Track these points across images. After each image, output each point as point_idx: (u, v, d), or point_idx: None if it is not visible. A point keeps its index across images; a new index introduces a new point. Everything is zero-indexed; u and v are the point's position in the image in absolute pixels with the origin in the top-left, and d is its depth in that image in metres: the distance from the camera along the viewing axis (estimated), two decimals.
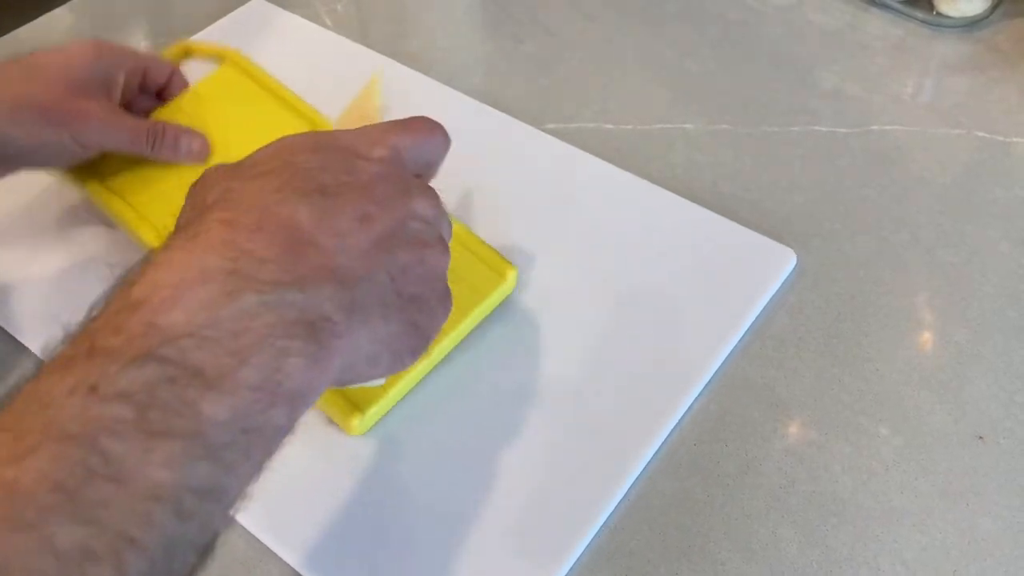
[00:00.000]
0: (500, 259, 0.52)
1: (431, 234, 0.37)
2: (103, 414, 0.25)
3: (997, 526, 0.43)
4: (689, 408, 0.48)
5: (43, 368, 0.27)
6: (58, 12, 0.77)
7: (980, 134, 0.62)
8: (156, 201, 0.53)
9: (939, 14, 0.69)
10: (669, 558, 0.43)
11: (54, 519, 0.23)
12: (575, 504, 0.44)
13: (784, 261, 0.54)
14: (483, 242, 0.52)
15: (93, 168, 0.54)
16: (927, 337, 0.51)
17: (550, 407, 0.48)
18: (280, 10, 0.73)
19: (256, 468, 0.28)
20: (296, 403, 0.29)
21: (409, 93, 0.64)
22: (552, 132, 0.62)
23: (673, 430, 0.47)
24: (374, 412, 0.47)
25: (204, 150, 0.55)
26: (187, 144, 0.55)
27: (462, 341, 0.50)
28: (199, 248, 0.30)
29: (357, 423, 0.46)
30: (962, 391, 0.48)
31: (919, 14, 0.70)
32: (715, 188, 0.58)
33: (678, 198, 0.57)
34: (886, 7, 0.71)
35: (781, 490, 0.45)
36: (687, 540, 0.44)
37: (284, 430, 0.29)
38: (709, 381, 0.49)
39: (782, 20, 0.72)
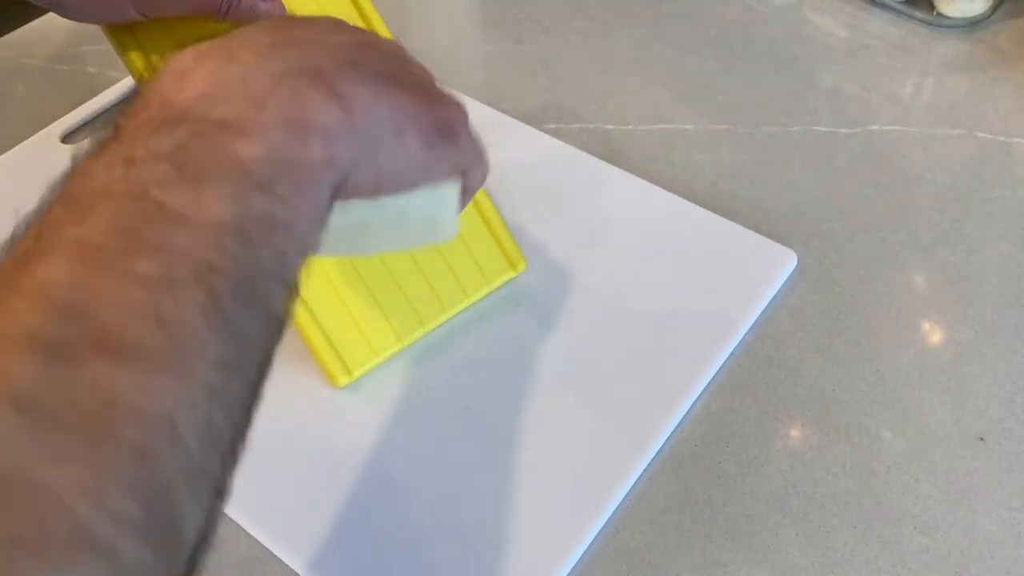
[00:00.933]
0: (515, 247, 0.52)
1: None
2: (145, 174, 0.26)
3: (998, 527, 0.43)
4: (690, 408, 0.48)
5: (77, 160, 0.28)
6: None
7: (980, 134, 0.62)
8: None
9: (939, 14, 0.69)
10: (669, 558, 0.43)
11: (130, 257, 0.24)
12: (577, 503, 0.44)
13: (784, 261, 0.54)
14: (504, 224, 0.52)
15: (136, 37, 0.50)
16: (927, 337, 0.51)
17: (551, 407, 0.48)
18: None
19: (313, 207, 0.29)
20: (330, 139, 0.29)
21: None
22: (552, 132, 0.62)
23: (674, 430, 0.47)
24: (363, 368, 0.48)
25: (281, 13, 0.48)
26: (264, 7, 0.46)
27: (461, 339, 0.50)
28: (191, 49, 0.30)
29: (344, 377, 0.47)
30: (963, 391, 0.48)
31: (919, 14, 0.70)
32: (715, 188, 0.58)
33: (678, 199, 0.57)
34: (886, 7, 0.71)
35: (782, 491, 0.45)
36: (687, 541, 0.44)
37: (325, 166, 0.29)
38: (710, 381, 0.49)
39: (782, 20, 0.72)
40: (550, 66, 0.69)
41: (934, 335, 0.51)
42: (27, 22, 0.75)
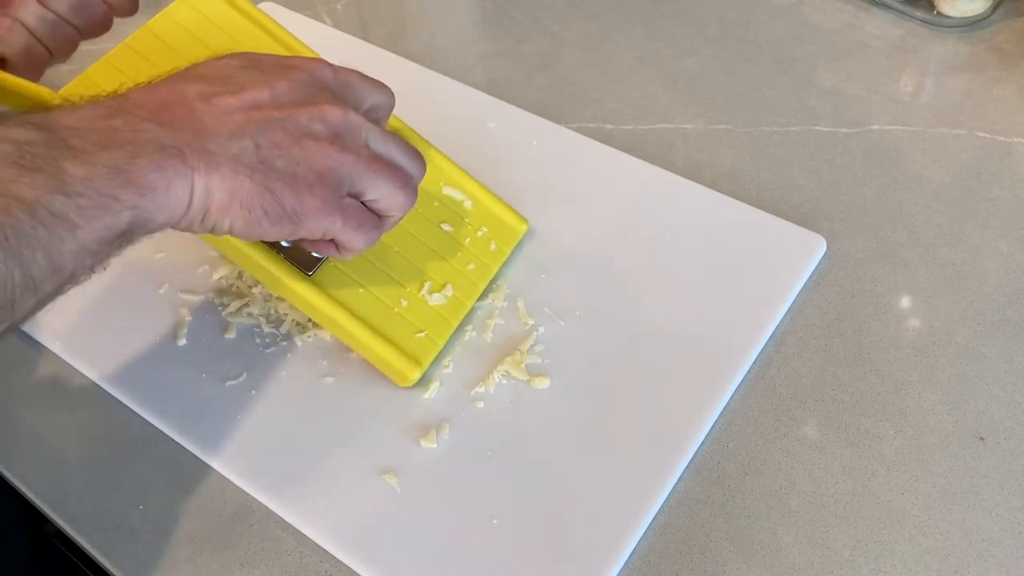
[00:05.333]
0: (513, 214, 0.55)
1: (325, 133, 0.41)
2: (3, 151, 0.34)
3: (998, 526, 0.43)
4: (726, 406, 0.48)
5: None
6: None
7: (980, 134, 0.62)
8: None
9: (939, 14, 0.69)
10: (669, 558, 0.43)
11: None
12: (619, 506, 0.45)
13: (814, 247, 0.54)
14: (497, 198, 0.55)
15: None
16: (927, 337, 0.51)
17: (584, 408, 0.48)
18: (281, 8, 0.73)
19: (104, 227, 0.35)
20: (144, 195, 0.36)
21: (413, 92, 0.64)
22: None
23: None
24: (427, 360, 0.49)
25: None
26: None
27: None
28: (103, 99, 0.39)
29: (416, 370, 0.48)
30: (963, 391, 0.48)
31: (919, 14, 0.70)
32: (715, 188, 0.58)
33: (700, 187, 0.58)
34: (886, 7, 0.71)
35: (782, 491, 0.45)
36: (688, 541, 0.44)
37: (128, 216, 0.36)
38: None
39: (782, 20, 0.72)
40: (550, 66, 0.69)
41: (934, 335, 0.51)
42: None
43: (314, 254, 0.47)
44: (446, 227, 0.53)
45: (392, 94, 0.46)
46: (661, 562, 0.43)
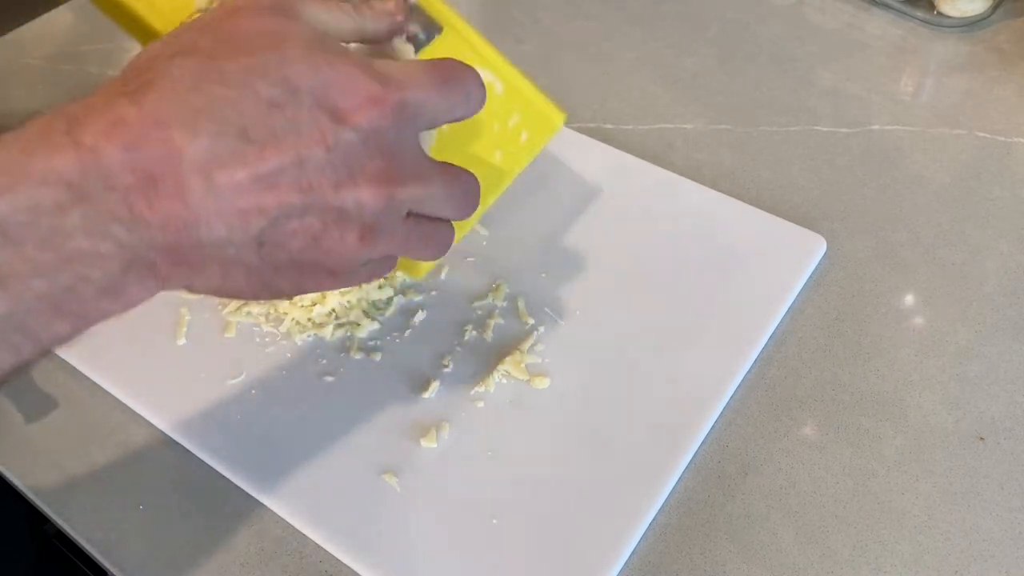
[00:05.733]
0: (550, 104, 0.50)
1: (356, 225, 0.33)
2: None
3: (998, 526, 0.43)
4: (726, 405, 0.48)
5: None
6: (58, 12, 0.76)
7: (980, 134, 0.62)
8: None
9: (939, 14, 0.69)
10: (669, 558, 0.43)
11: None
12: (626, 499, 0.45)
13: (815, 247, 0.54)
14: (534, 87, 0.49)
15: None
16: (927, 337, 0.51)
17: (584, 408, 0.48)
18: None
19: (26, 354, 0.29)
20: (83, 322, 0.30)
21: None
22: None
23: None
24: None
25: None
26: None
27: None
28: (66, 141, 0.28)
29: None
30: (963, 391, 0.48)
31: (919, 14, 0.70)
32: (715, 188, 0.58)
33: (702, 187, 0.58)
34: (886, 7, 0.71)
35: (782, 491, 0.45)
36: (687, 541, 0.44)
37: (64, 338, 0.30)
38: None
39: (782, 20, 0.72)
40: (550, 66, 0.69)
41: (934, 335, 0.51)
42: (27, 22, 0.75)
43: None
44: None
45: (479, 97, 0.37)
46: (661, 562, 0.43)
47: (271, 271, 0.32)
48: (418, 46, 0.44)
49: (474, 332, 0.51)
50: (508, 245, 0.55)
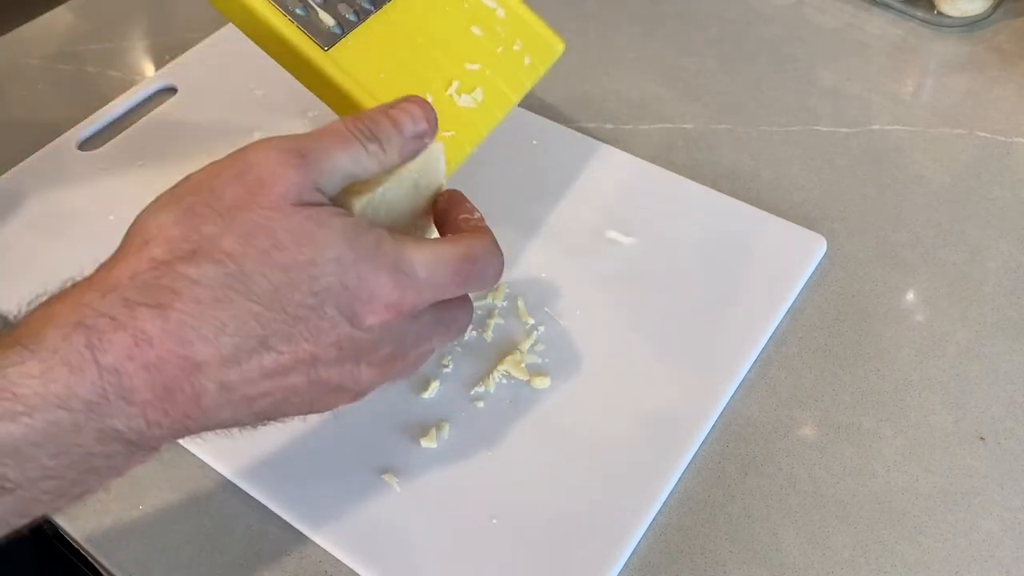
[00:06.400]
0: (550, 32, 0.54)
1: (348, 395, 0.35)
2: None
3: (999, 527, 0.43)
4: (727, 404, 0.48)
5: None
6: (58, 12, 0.76)
7: (980, 134, 0.62)
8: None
9: (939, 13, 0.69)
10: (669, 559, 0.43)
11: None
12: (626, 499, 0.45)
13: (815, 247, 0.54)
14: (535, 14, 0.53)
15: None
16: (927, 337, 0.51)
17: (584, 408, 0.48)
18: None
19: (21, 527, 0.30)
20: (84, 497, 0.31)
21: None
22: None
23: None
24: (455, 163, 0.47)
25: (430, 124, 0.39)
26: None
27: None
28: (86, 359, 0.29)
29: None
30: (963, 391, 0.48)
31: (919, 13, 0.70)
32: (715, 187, 0.58)
33: (705, 188, 0.58)
34: (886, 6, 0.71)
35: (782, 491, 0.45)
36: (688, 541, 0.44)
37: (63, 510, 0.31)
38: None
39: (782, 19, 0.72)
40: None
41: (934, 335, 0.51)
42: (27, 22, 0.75)
43: (332, 28, 0.43)
44: (476, 31, 0.49)
45: (494, 282, 0.38)
46: (661, 562, 0.43)
47: (256, 417, 0.34)
48: None
49: (474, 332, 0.51)
50: (508, 245, 0.55)
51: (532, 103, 0.65)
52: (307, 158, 0.32)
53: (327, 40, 0.44)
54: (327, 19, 0.41)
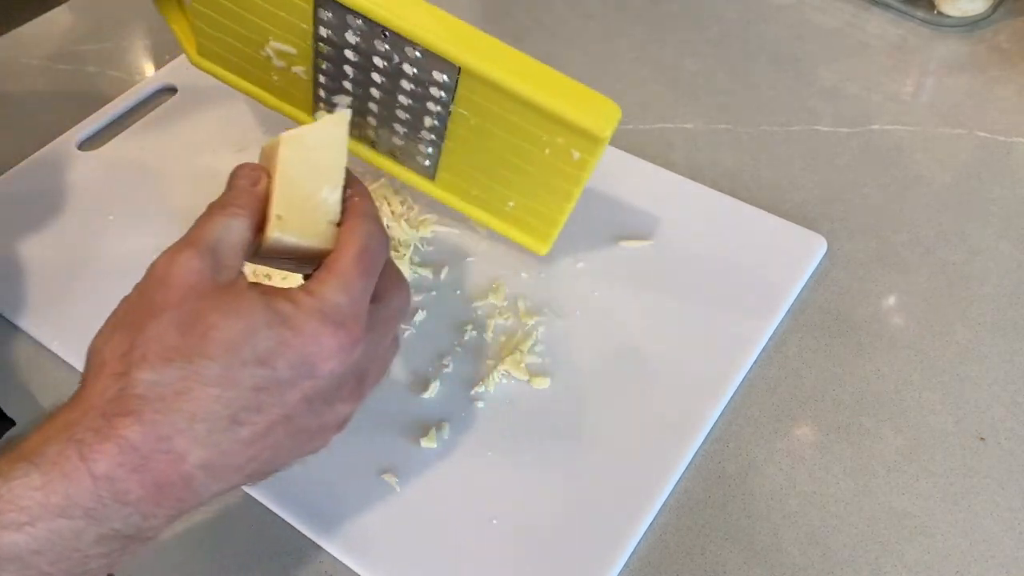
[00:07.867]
0: (590, 117, 0.48)
1: (331, 429, 0.38)
2: None
3: (999, 527, 0.43)
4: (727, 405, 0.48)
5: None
6: (58, 12, 0.76)
7: (981, 134, 0.62)
8: None
9: (940, 13, 0.69)
10: (669, 559, 0.43)
11: None
12: (626, 499, 0.45)
13: (815, 247, 0.54)
14: (571, 101, 0.50)
15: None
16: (928, 337, 0.51)
17: (584, 408, 0.48)
18: None
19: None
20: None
21: None
22: None
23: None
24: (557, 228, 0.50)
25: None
26: None
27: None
28: (80, 470, 0.31)
29: (546, 244, 0.51)
30: (963, 392, 0.48)
31: (920, 13, 0.70)
32: (715, 188, 0.58)
33: (707, 189, 0.58)
34: (886, 7, 0.71)
35: (782, 491, 0.45)
36: (688, 541, 0.44)
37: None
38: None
39: (782, 19, 0.72)
40: (551, 66, 0.69)
41: (935, 335, 0.51)
42: (27, 22, 0.75)
43: (425, 162, 0.50)
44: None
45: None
46: (661, 562, 0.43)
47: (255, 481, 0.37)
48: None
49: (474, 332, 0.51)
50: (508, 245, 0.55)
51: None
52: (198, 245, 0.35)
53: (429, 173, 0.50)
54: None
